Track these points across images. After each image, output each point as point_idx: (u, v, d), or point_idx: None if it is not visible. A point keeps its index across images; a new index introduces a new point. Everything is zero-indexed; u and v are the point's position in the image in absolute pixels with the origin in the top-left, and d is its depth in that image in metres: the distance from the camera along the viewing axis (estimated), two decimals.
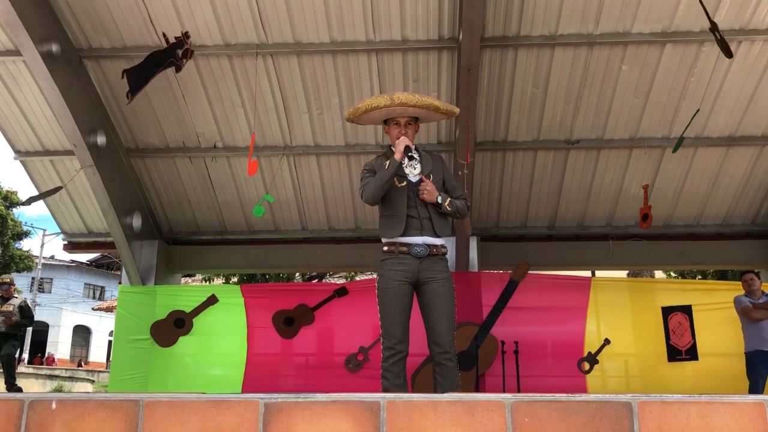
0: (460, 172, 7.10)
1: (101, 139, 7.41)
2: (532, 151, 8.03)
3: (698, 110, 6.90)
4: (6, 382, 7.90)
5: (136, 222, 8.23)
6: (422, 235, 3.76)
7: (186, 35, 6.42)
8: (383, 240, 3.85)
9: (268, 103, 7.66)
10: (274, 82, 7.45)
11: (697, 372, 7.98)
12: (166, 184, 8.54)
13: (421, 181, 3.85)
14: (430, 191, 3.79)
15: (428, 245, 3.76)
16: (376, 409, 1.63)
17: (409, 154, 3.78)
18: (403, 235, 3.75)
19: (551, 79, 7.29)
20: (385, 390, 3.75)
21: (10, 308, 8.03)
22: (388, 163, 3.74)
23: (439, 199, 3.80)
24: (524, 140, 7.90)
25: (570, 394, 1.61)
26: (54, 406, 1.69)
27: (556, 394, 1.61)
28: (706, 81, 7.22)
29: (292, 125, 7.87)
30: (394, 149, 3.83)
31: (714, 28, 5.72)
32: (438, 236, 3.81)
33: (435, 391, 3.76)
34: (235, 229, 9.01)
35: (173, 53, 6.33)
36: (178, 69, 6.44)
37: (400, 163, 3.78)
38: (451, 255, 8.28)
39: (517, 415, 1.60)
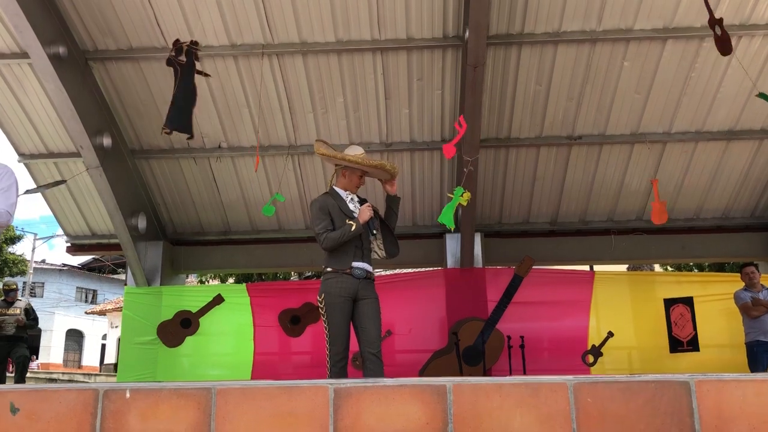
0: (465, 169, 7.17)
1: (107, 141, 7.43)
2: (534, 148, 8.11)
3: None
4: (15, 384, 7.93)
5: (141, 223, 8.25)
6: (363, 261, 4.53)
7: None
8: (329, 264, 4.51)
9: (273, 103, 7.71)
10: (279, 82, 7.50)
11: (699, 363, 8.08)
12: (171, 185, 8.57)
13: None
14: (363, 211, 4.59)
15: (365, 270, 4.51)
16: (443, 393, 1.69)
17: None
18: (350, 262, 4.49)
19: (554, 76, 7.37)
20: None
21: (17, 311, 8.05)
22: (354, 226, 4.46)
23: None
24: (527, 137, 7.98)
25: (630, 375, 1.67)
26: (128, 395, 1.74)
27: (616, 375, 1.68)
28: (706, 76, 7.34)
29: (297, 125, 7.92)
30: (341, 190, 4.68)
31: (716, 23, 5.76)
32: (371, 264, 4.62)
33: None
34: (239, 229, 9.04)
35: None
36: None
37: (351, 207, 4.62)
38: (456, 251, 8.40)
39: (579, 395, 1.67)
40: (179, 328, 8.41)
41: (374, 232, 4.64)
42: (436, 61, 7.27)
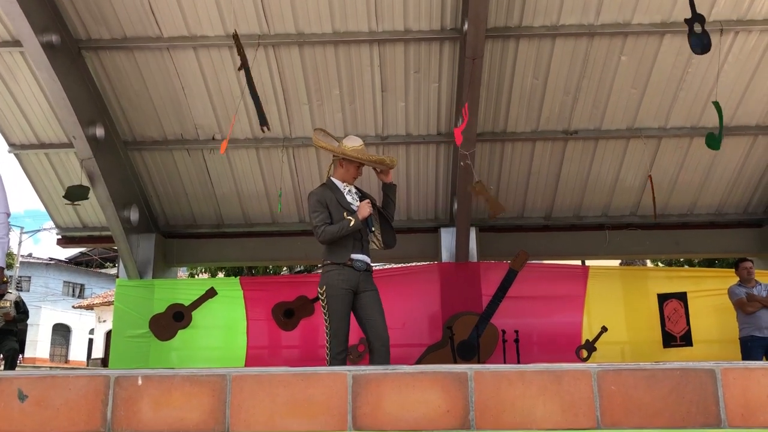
0: (461, 162, 7.14)
1: (100, 132, 7.33)
2: (530, 142, 8.09)
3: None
4: None
5: (134, 215, 8.15)
6: (362, 253, 4.54)
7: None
8: (328, 260, 4.53)
9: (268, 95, 7.62)
10: (274, 73, 7.43)
11: (692, 358, 8.10)
12: (164, 177, 8.48)
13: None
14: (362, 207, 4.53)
15: (365, 262, 4.53)
16: (464, 380, 1.66)
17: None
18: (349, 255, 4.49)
19: (551, 70, 7.34)
20: None
21: (7, 304, 7.95)
22: (352, 222, 4.44)
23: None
24: (523, 131, 7.95)
25: (654, 363, 1.64)
26: (140, 382, 1.70)
27: (641, 363, 1.65)
28: (703, 71, 7.33)
29: (292, 116, 7.85)
30: (339, 181, 4.66)
31: (696, 20, 5.81)
32: (369, 256, 4.63)
33: None
34: (233, 222, 8.96)
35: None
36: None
37: (348, 200, 4.61)
38: (450, 246, 8.38)
39: (603, 383, 1.64)
40: (172, 321, 8.33)
41: (372, 229, 4.60)
42: (434, 53, 7.22)
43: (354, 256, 4.48)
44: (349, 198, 4.63)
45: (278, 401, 1.66)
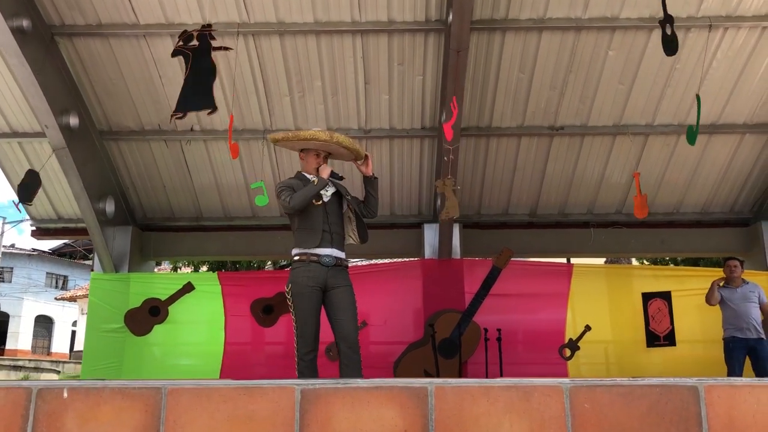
0: (445, 157, 7.00)
1: (74, 121, 7.13)
2: (516, 138, 7.95)
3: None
4: None
5: (109, 207, 7.96)
6: (332, 247, 4.32)
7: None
8: (296, 250, 4.37)
9: (248, 85, 7.45)
10: (255, 63, 7.25)
11: (675, 358, 8.02)
12: (140, 168, 8.27)
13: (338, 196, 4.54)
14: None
15: (335, 257, 4.32)
16: (424, 396, 1.50)
17: (338, 175, 4.56)
18: (317, 246, 4.28)
19: (538, 64, 7.20)
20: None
21: None
22: (316, 180, 4.36)
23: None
24: (508, 126, 7.81)
25: (632, 378, 1.50)
26: (65, 394, 1.53)
27: (617, 378, 1.50)
28: (691, 68, 7.21)
29: (273, 108, 7.67)
30: (307, 174, 4.52)
31: (667, 21, 5.76)
32: (342, 250, 4.42)
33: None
34: (212, 215, 8.77)
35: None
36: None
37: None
38: (433, 242, 8.23)
39: (576, 401, 1.49)
40: (147, 316, 8.14)
41: (340, 176, 4.50)
42: (418, 45, 7.06)
43: (322, 251, 4.28)
44: (322, 192, 4.47)
45: (218, 417, 1.50)
